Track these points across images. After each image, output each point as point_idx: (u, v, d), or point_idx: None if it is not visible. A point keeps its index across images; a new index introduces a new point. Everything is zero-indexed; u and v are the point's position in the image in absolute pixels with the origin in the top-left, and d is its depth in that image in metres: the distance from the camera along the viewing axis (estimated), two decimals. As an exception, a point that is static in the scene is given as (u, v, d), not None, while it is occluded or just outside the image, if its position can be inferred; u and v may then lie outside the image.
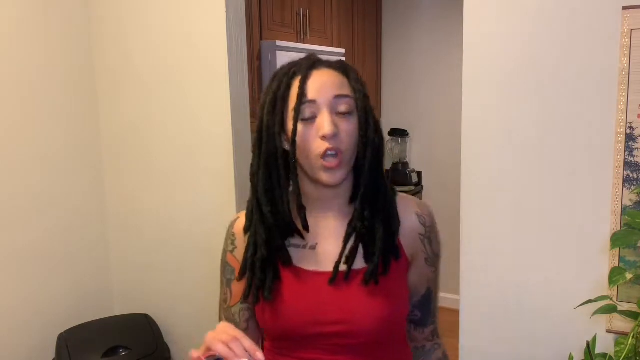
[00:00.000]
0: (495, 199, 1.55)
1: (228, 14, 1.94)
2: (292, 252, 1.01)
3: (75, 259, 2.18)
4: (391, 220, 1.00)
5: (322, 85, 0.94)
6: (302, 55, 1.01)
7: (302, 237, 1.01)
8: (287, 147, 0.96)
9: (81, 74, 2.18)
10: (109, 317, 2.21)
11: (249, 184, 0.99)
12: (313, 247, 1.01)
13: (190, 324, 2.19)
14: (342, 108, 0.94)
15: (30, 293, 2.02)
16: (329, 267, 0.98)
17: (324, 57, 1.02)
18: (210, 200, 2.06)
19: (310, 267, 1.00)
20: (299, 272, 1.00)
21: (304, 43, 2.86)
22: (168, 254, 2.19)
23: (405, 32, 3.87)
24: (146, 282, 2.26)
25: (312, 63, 0.97)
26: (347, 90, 0.95)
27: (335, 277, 0.97)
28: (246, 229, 1.02)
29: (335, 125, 0.92)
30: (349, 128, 0.94)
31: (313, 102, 0.93)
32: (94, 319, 2.15)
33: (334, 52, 3.04)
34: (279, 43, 2.59)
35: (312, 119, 0.93)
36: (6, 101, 1.92)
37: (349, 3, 3.37)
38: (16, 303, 1.98)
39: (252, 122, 2.15)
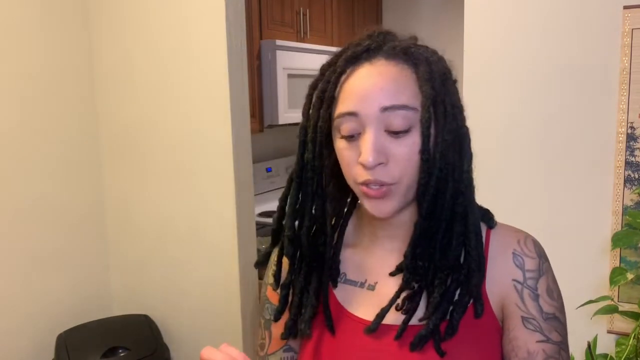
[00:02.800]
0: (495, 199, 1.54)
1: (227, 13, 1.93)
2: (344, 290, 0.77)
3: (74, 259, 2.17)
4: (476, 264, 0.71)
5: (367, 89, 0.67)
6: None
7: (359, 272, 0.78)
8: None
9: (80, 74, 2.17)
10: (108, 318, 2.20)
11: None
12: (372, 288, 0.76)
13: (190, 324, 2.19)
14: (395, 125, 0.66)
15: (29, 293, 2.02)
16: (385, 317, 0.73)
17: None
18: (210, 201, 2.05)
19: (360, 312, 0.75)
20: (342, 317, 0.76)
21: (303, 42, 2.86)
22: (167, 254, 2.19)
23: (405, 31, 3.86)
24: (146, 282, 2.26)
25: (359, 53, 0.71)
26: (404, 98, 0.67)
27: (375, 328, 0.71)
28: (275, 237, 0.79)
29: (381, 151, 0.66)
30: (402, 152, 0.67)
31: (353, 115, 0.67)
32: (93, 319, 2.14)
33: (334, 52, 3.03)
34: (279, 42, 2.58)
35: (355, 136, 0.68)
36: (5, 101, 1.91)
37: (349, 2, 3.37)
38: (15, 303, 1.97)
39: (252, 122, 2.15)
